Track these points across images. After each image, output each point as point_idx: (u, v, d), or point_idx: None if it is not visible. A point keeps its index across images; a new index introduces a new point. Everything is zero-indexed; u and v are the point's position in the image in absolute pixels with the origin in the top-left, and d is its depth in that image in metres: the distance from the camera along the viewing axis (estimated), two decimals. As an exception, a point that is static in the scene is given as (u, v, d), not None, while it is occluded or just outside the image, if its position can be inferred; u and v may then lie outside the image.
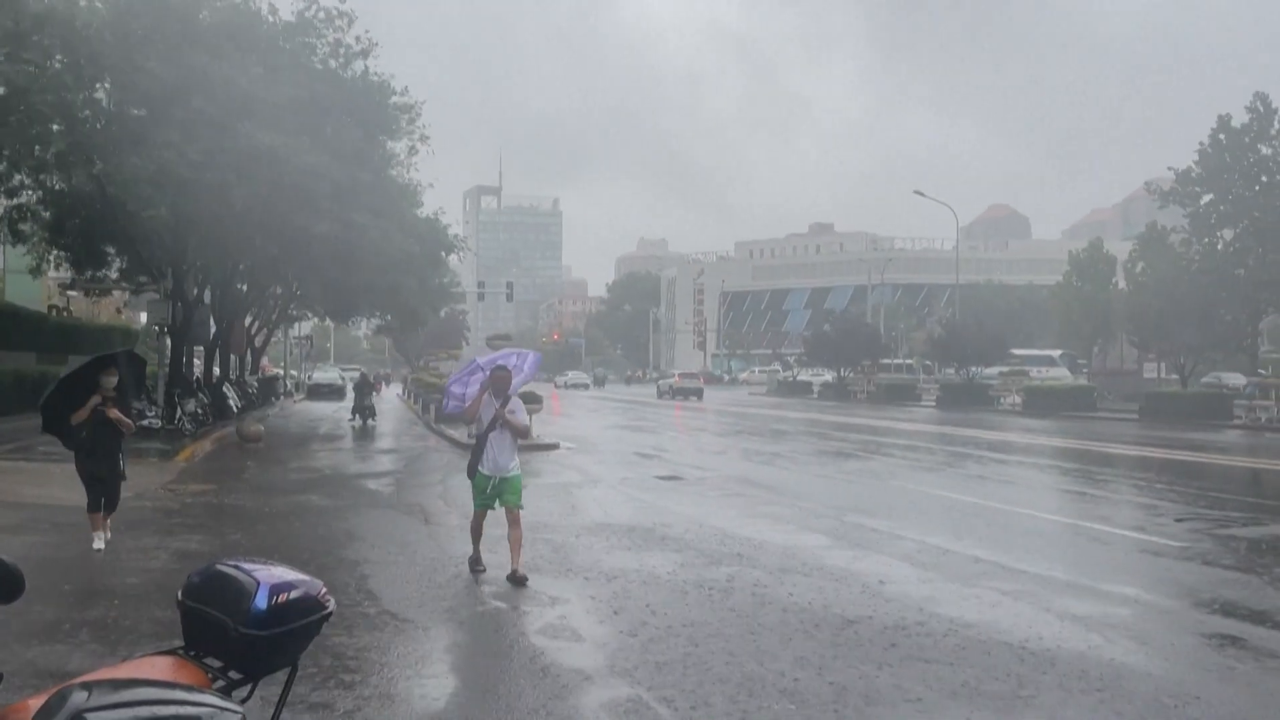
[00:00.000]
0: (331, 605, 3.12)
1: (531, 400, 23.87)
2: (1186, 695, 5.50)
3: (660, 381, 64.35)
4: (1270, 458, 20.27)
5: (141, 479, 14.81)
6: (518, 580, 8.13)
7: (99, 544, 9.29)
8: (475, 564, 8.62)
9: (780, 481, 15.36)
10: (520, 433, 8.58)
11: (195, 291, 27.81)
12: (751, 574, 8.56)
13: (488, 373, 8.68)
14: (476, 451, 8.53)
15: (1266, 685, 5.71)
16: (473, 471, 8.57)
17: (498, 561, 8.76)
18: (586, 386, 76.49)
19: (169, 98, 19.32)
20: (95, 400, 8.98)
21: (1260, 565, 9.12)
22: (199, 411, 23.56)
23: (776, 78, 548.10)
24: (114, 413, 9.14)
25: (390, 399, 50.52)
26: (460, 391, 9.03)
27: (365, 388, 29.82)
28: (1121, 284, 50.45)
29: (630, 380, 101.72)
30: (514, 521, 8.39)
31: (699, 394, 54.62)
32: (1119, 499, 13.90)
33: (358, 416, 29.31)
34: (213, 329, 31.12)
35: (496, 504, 8.45)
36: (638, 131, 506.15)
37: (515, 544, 8.35)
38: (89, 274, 27.55)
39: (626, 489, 14.71)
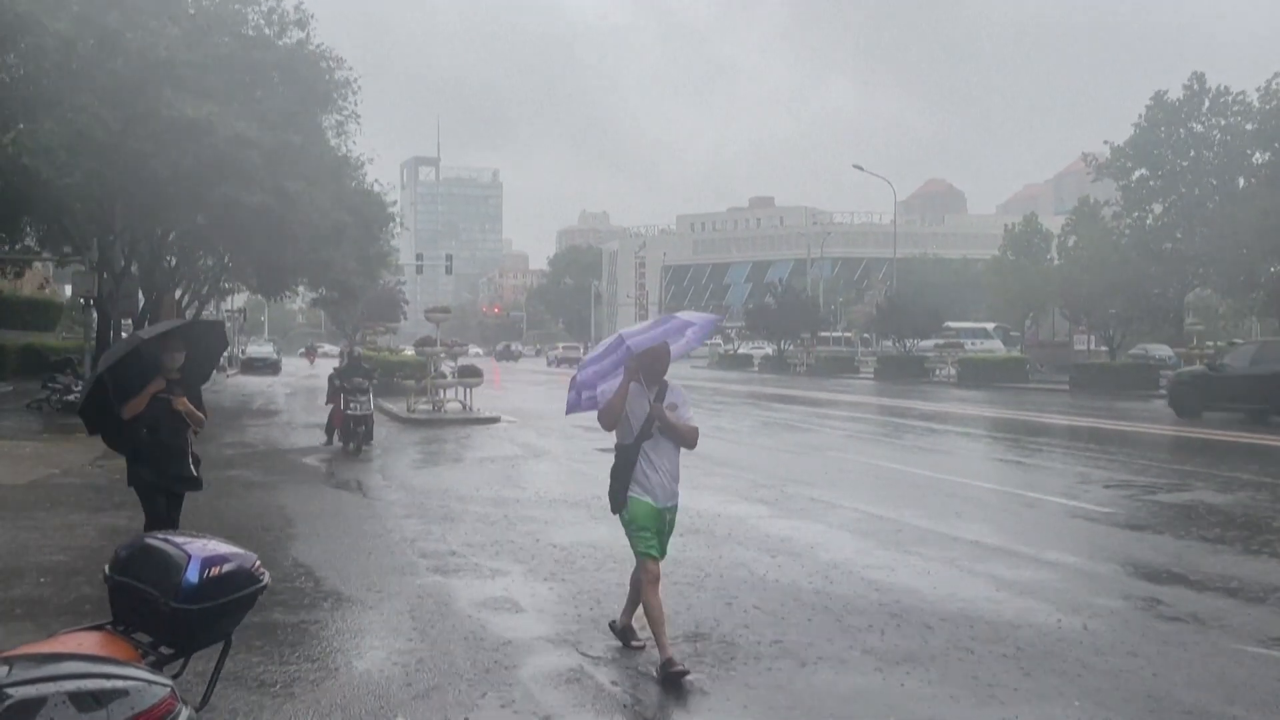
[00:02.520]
0: (266, 579, 3.06)
1: (471, 374, 23.77)
2: (1115, 654, 5.66)
3: (550, 353, 76.44)
4: (1194, 426, 20.92)
5: (68, 455, 14.42)
6: (622, 635, 5.89)
7: None
8: (628, 636, 5.88)
9: (722, 453, 15.46)
10: (689, 441, 5.70)
11: (122, 263, 27.05)
12: (693, 543, 8.60)
13: (609, 365, 5.78)
14: (622, 469, 5.66)
15: (1191, 644, 5.90)
16: (621, 499, 5.63)
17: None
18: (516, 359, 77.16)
19: (84, 61, 18.65)
20: (156, 386, 6.57)
21: (1183, 529, 9.41)
22: (128, 386, 22.97)
23: (699, 44, 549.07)
24: (182, 403, 6.68)
25: (326, 372, 49.83)
26: (591, 382, 5.89)
27: (354, 381, 15.89)
28: (1054, 258, 51.57)
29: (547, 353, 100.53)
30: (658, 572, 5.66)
31: (579, 362, 61.26)
32: (1050, 467, 14.24)
33: (339, 438, 16.11)
34: (141, 302, 30.36)
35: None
36: (574, 104, 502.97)
37: (636, 591, 5.78)
38: (6, 246, 26.62)
39: (569, 462, 14.69)
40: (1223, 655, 5.70)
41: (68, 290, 34.28)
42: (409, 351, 33.61)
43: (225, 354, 60.00)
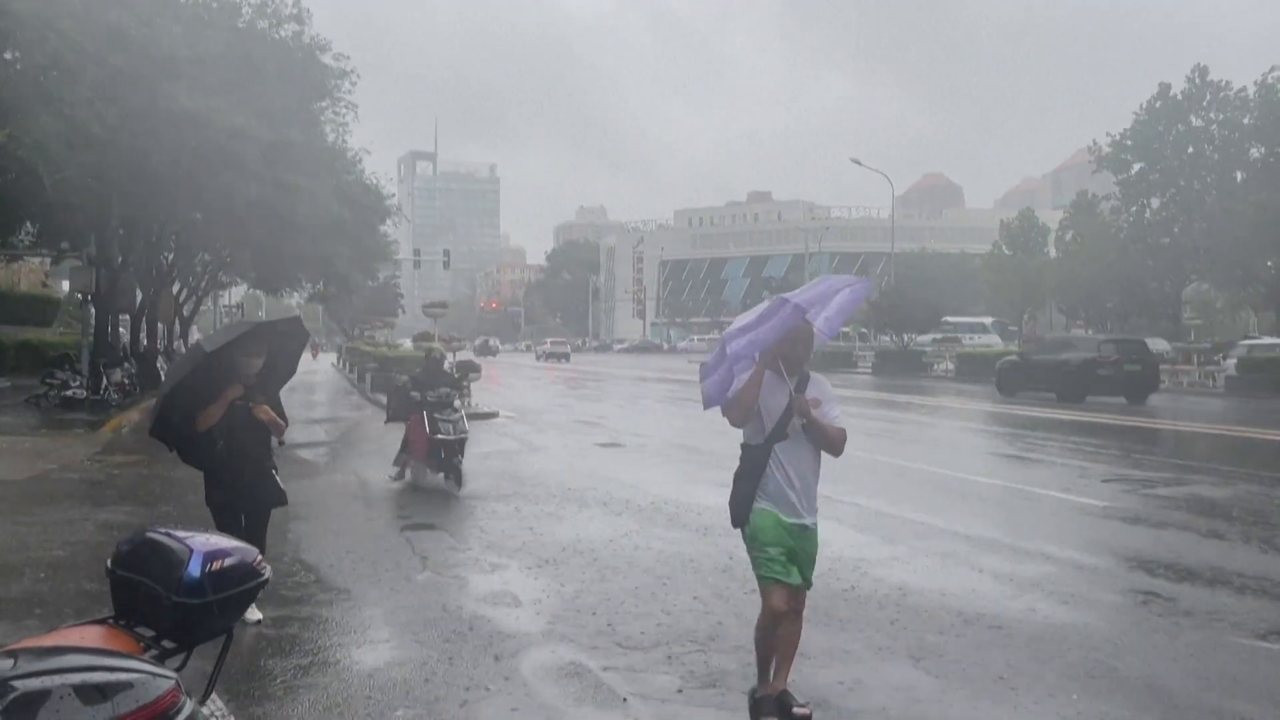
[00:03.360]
0: (267, 572, 3.06)
1: (470, 369, 23.76)
2: (1112, 648, 5.68)
3: (537, 348, 78.08)
4: (1191, 420, 20.97)
5: (66, 450, 14.42)
6: (790, 712, 4.52)
7: (251, 613, 5.72)
8: (787, 704, 4.57)
9: (722, 448, 15.45)
10: (834, 444, 4.67)
11: (119, 258, 26.99)
12: (693, 539, 8.62)
13: (769, 332, 4.36)
14: (748, 475, 4.61)
15: (1186, 638, 5.93)
16: (744, 513, 4.62)
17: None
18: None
19: (84, 56, 18.59)
20: (234, 393, 5.89)
21: (1180, 524, 9.44)
22: (126, 381, 22.96)
23: (698, 42, 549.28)
24: (263, 411, 6.01)
25: (325, 368, 49.78)
26: (721, 373, 4.56)
27: (441, 393, 11.74)
28: (1052, 252, 51.60)
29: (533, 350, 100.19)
30: (797, 609, 4.68)
31: (566, 357, 66.41)
32: (1048, 461, 14.27)
33: (415, 470, 11.92)
34: (139, 297, 30.30)
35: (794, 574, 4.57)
36: (571, 100, 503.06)
37: (788, 645, 4.69)
38: (2, 240, 26.53)
39: (567, 457, 14.71)
40: (1222, 648, 5.72)
41: (65, 286, 34.18)
42: (407, 346, 33.61)
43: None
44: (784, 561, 4.54)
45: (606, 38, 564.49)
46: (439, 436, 11.21)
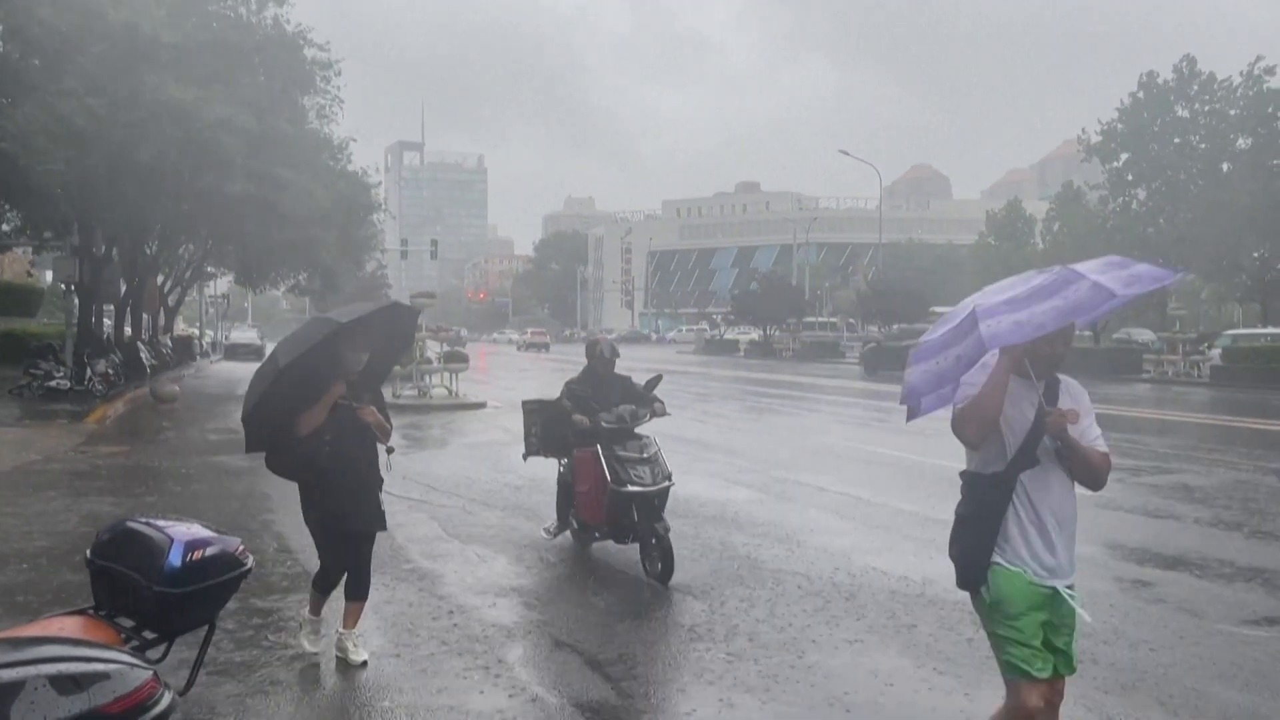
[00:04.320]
0: (250, 562, 3.03)
1: (457, 359, 23.68)
2: (1100, 635, 5.69)
3: (518, 338, 79.90)
4: (1177, 409, 21.08)
5: (50, 441, 14.31)
6: None
7: (357, 653, 5.20)
8: None
9: (709, 438, 15.45)
10: (1097, 473, 3.58)
11: (103, 248, 26.78)
12: (683, 529, 8.60)
13: (1050, 314, 3.12)
14: (981, 517, 3.49)
15: (1173, 625, 5.94)
16: (978, 572, 3.48)
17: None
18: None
19: (66, 43, 18.38)
20: (337, 391, 5.02)
21: (1167, 512, 9.47)
22: (110, 372, 22.79)
23: (672, 20, 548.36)
24: (370, 412, 5.12)
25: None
26: (932, 372, 3.39)
27: (625, 413, 7.39)
28: (1039, 243, 51.76)
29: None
30: (1054, 702, 3.59)
31: (546, 347, 68.15)
32: (1035, 451, 14.30)
33: (581, 527, 7.78)
34: (123, 287, 30.09)
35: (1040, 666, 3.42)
36: (557, 90, 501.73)
37: None
38: None
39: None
40: (1209, 635, 5.74)
41: (49, 276, 33.93)
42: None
43: (209, 340, 59.55)
44: (1037, 647, 3.37)
45: (586, 25, 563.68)
46: (628, 489, 6.93)
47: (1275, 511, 9.49)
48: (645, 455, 7.15)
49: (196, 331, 61.05)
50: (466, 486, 10.96)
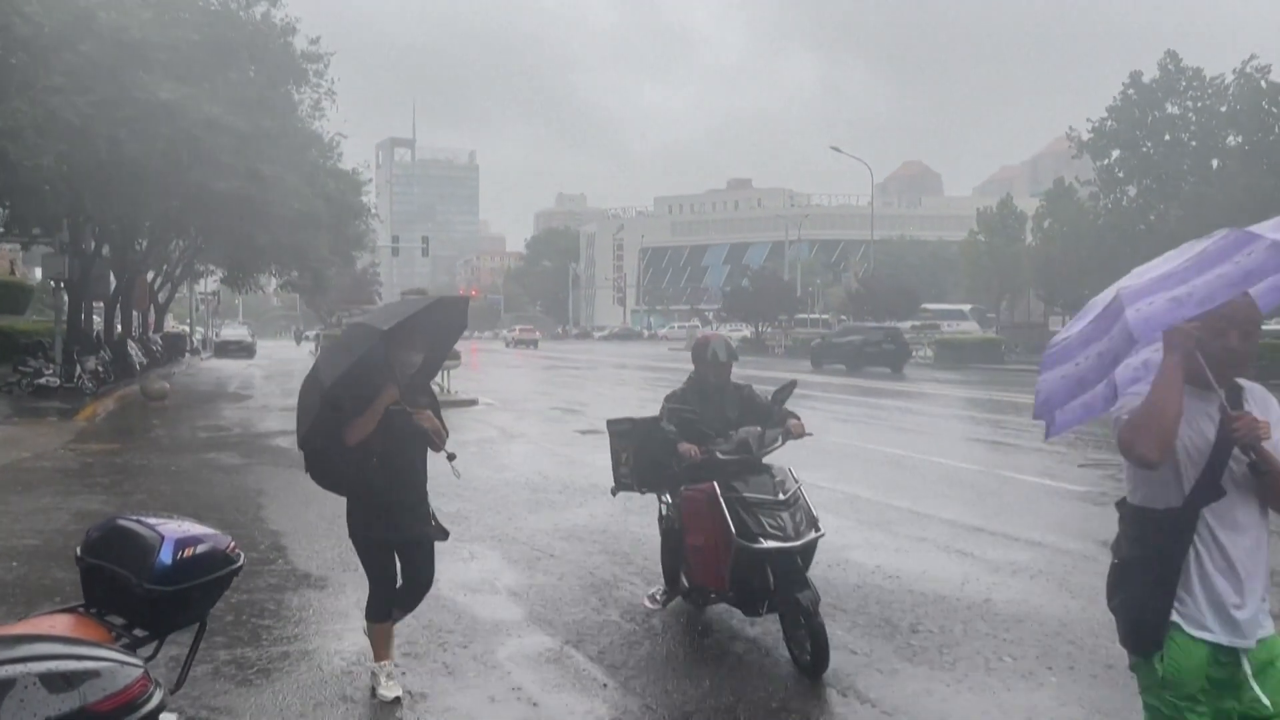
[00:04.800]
0: (241, 560, 3.02)
1: (449, 356, 23.64)
2: (1090, 631, 5.72)
3: (506, 334, 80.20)
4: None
5: (39, 439, 14.27)
6: None
7: (389, 689, 4.75)
8: None
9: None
10: None
11: (93, 245, 26.69)
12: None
13: (1217, 285, 2.45)
14: (1154, 562, 2.81)
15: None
16: (1155, 635, 2.79)
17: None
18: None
19: (54, 41, 18.31)
20: (390, 396, 4.56)
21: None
22: (100, 369, 22.74)
23: (656, 13, 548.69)
24: (427, 418, 4.68)
25: (303, 355, 49.52)
26: (1071, 377, 2.81)
27: (736, 434, 5.59)
28: (1030, 239, 51.90)
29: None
30: None
31: (535, 344, 67.94)
32: (1026, 447, 14.35)
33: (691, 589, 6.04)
34: (113, 284, 30.00)
35: None
36: (546, 85, 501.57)
37: None
38: None
39: (547, 445, 14.67)
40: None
41: (38, 273, 33.80)
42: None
43: (199, 337, 59.37)
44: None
45: (574, 20, 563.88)
46: (760, 544, 5.10)
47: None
48: (782, 496, 5.23)
49: (187, 329, 60.90)
50: (457, 483, 10.94)
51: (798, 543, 5.12)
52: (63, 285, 23.65)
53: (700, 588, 5.68)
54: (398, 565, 4.82)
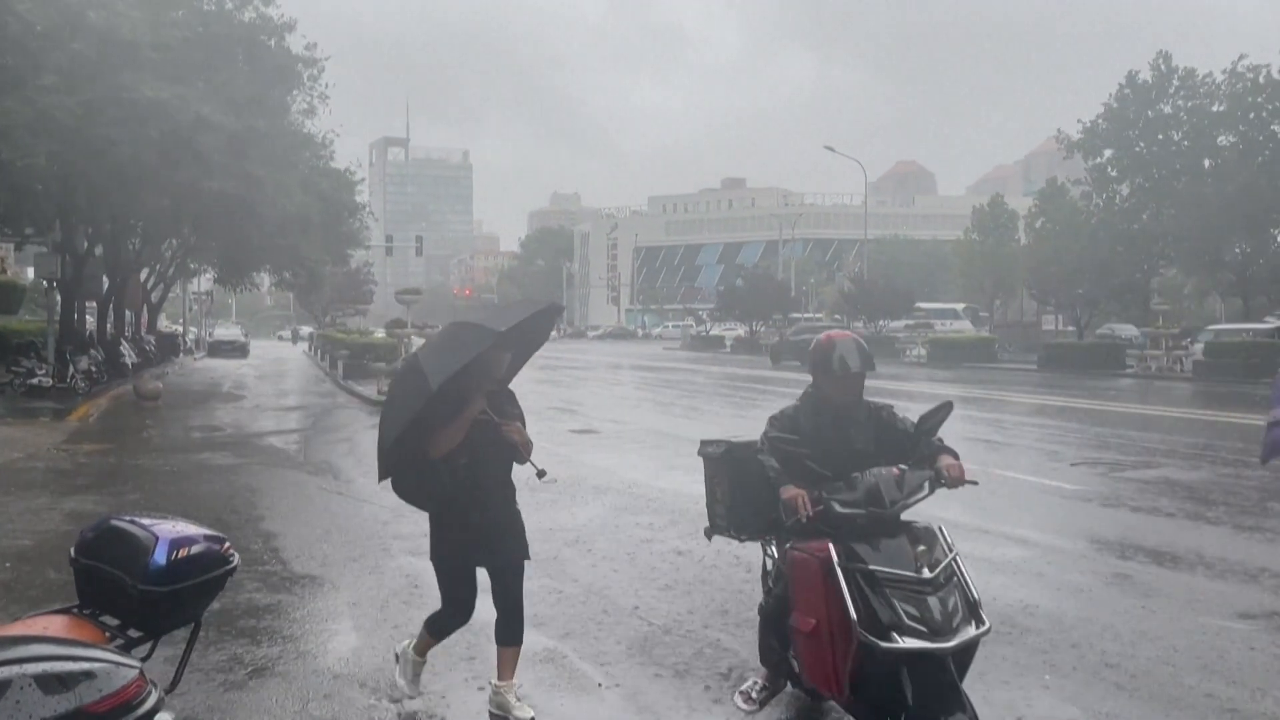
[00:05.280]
0: (235, 560, 3.02)
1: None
2: (1084, 630, 5.73)
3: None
4: (1159, 404, 21.21)
5: (32, 439, 14.22)
6: None
7: (412, 689, 4.71)
8: None
9: (696, 434, 15.46)
10: None
11: (86, 245, 26.60)
12: (668, 525, 8.61)
13: None
14: None
15: (1157, 620, 5.98)
16: None
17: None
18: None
19: (45, 40, 18.25)
20: (478, 406, 4.26)
21: (1151, 507, 9.53)
22: (93, 369, 22.67)
23: (646, 10, 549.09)
24: (516, 429, 4.36)
25: (296, 355, 49.43)
26: None
27: (864, 477, 4.05)
28: (1023, 239, 52.01)
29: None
30: None
31: None
32: (1019, 445, 14.38)
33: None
34: (105, 283, 29.91)
35: None
36: (539, 84, 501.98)
37: None
38: None
39: (540, 443, 14.64)
40: (1193, 629, 5.78)
41: (30, 272, 33.65)
42: (379, 334, 33.39)
43: (193, 337, 59.19)
44: None
45: (566, 18, 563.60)
46: (895, 644, 3.60)
47: (1257, 506, 9.57)
48: (927, 572, 3.71)
49: (180, 328, 60.73)
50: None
51: (950, 643, 3.57)
52: (55, 285, 23.58)
53: (812, 688, 4.20)
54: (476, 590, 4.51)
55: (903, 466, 4.07)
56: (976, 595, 3.80)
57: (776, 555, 4.49)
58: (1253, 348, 29.57)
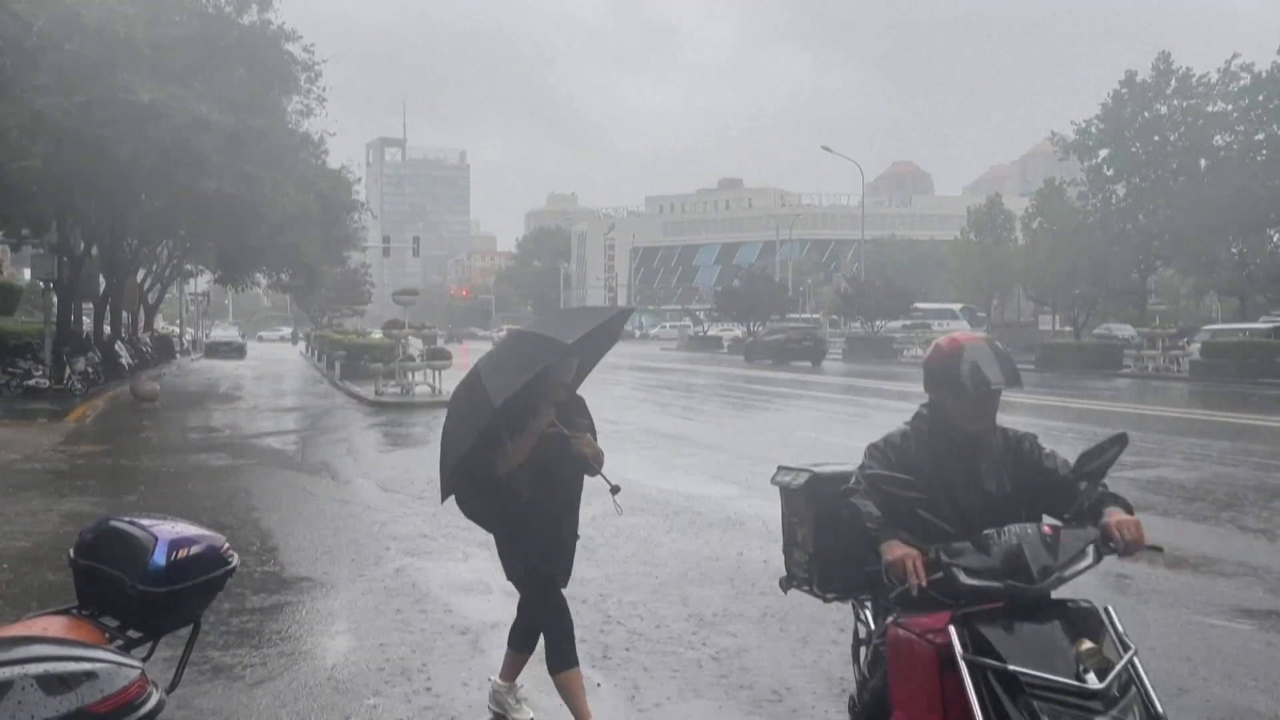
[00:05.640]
0: (235, 560, 3.02)
1: (440, 357, 23.64)
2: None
3: (496, 333, 78.05)
4: (1157, 404, 21.24)
5: (29, 440, 14.20)
6: None
7: (520, 711, 4.46)
8: None
9: (693, 433, 15.48)
10: None
11: (82, 246, 26.57)
12: (667, 525, 8.61)
13: None
14: None
15: (1156, 619, 5.99)
16: None
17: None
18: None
19: (41, 40, 18.24)
20: (547, 419, 3.99)
21: (1148, 506, 9.54)
22: (89, 370, 22.64)
23: (641, 9, 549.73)
24: (588, 443, 4.10)
25: (294, 356, 49.40)
26: None
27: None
28: (1020, 239, 52.08)
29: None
30: None
31: None
32: (1016, 445, 14.39)
33: None
34: (102, 285, 29.87)
35: None
36: (535, 84, 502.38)
37: None
38: None
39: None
40: (1191, 628, 5.79)
41: (27, 273, 33.64)
42: (376, 334, 33.37)
43: (190, 338, 59.16)
44: None
45: (563, 17, 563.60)
46: None
47: (1253, 505, 9.59)
48: (1093, 681, 2.65)
49: (176, 329, 60.67)
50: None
51: None
52: (52, 286, 23.55)
53: None
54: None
55: (1055, 523, 3.06)
56: (1161, 710, 2.67)
57: (870, 622, 3.50)
58: (1249, 348, 29.63)
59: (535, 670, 5.11)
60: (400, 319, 24.87)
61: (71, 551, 2.92)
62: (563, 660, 4.15)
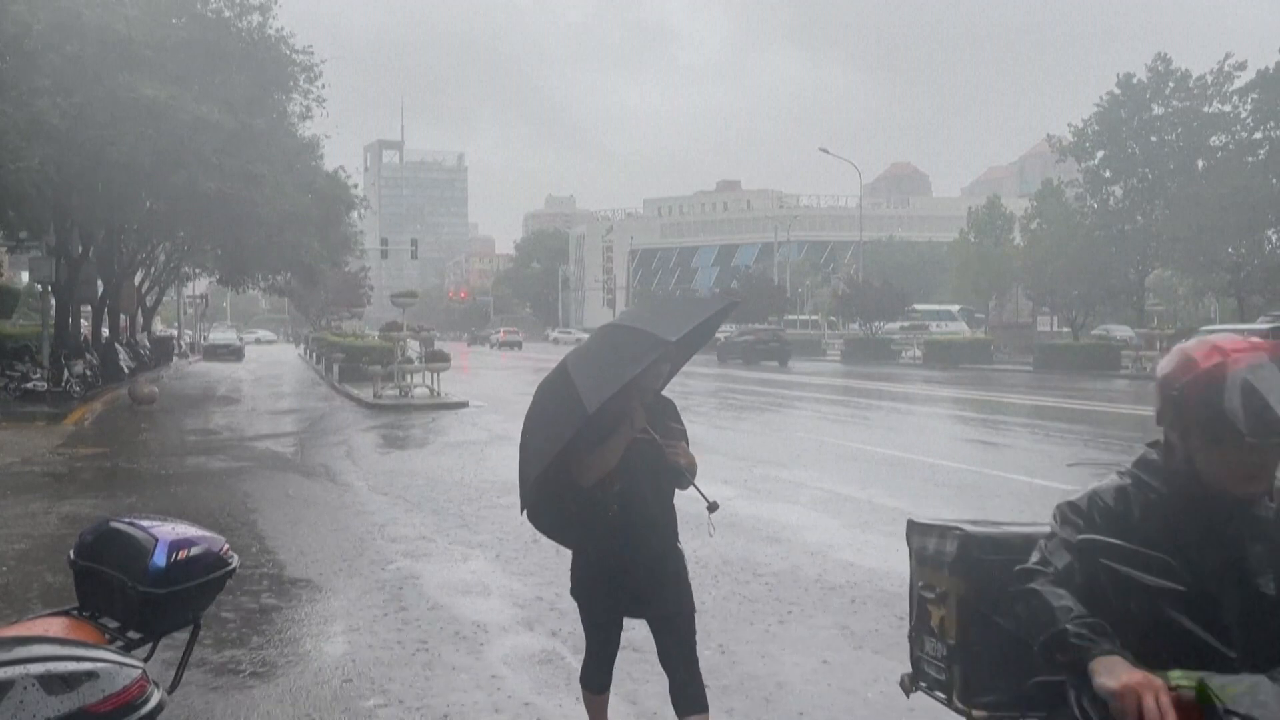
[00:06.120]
0: (234, 562, 3.03)
1: (439, 359, 23.66)
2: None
3: (492, 336, 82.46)
4: (1153, 404, 21.29)
5: (28, 443, 14.20)
6: None
7: None
8: None
9: (690, 435, 15.46)
10: None
11: (80, 248, 26.55)
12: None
13: None
14: None
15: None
16: None
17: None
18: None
19: (40, 42, 18.24)
20: (636, 425, 3.48)
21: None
22: (87, 373, 22.64)
23: (641, 13, 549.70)
24: (682, 451, 3.62)
25: (291, 358, 49.39)
26: None
27: None
28: (1018, 240, 52.11)
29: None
30: None
31: (519, 345, 71.33)
32: (1014, 445, 14.42)
33: None
34: (100, 287, 29.85)
35: None
36: (532, 86, 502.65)
37: None
38: None
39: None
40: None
41: (24, 276, 33.65)
42: (375, 336, 33.37)
43: (188, 340, 59.16)
44: None
45: (559, 19, 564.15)
46: None
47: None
48: None
49: (175, 332, 60.62)
50: (448, 485, 10.94)
51: None
52: (50, 289, 23.54)
53: None
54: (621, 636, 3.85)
55: None
56: None
57: None
58: None
59: (535, 670, 5.12)
60: (399, 321, 24.88)
61: (72, 553, 2.93)
62: (588, 682, 3.96)
